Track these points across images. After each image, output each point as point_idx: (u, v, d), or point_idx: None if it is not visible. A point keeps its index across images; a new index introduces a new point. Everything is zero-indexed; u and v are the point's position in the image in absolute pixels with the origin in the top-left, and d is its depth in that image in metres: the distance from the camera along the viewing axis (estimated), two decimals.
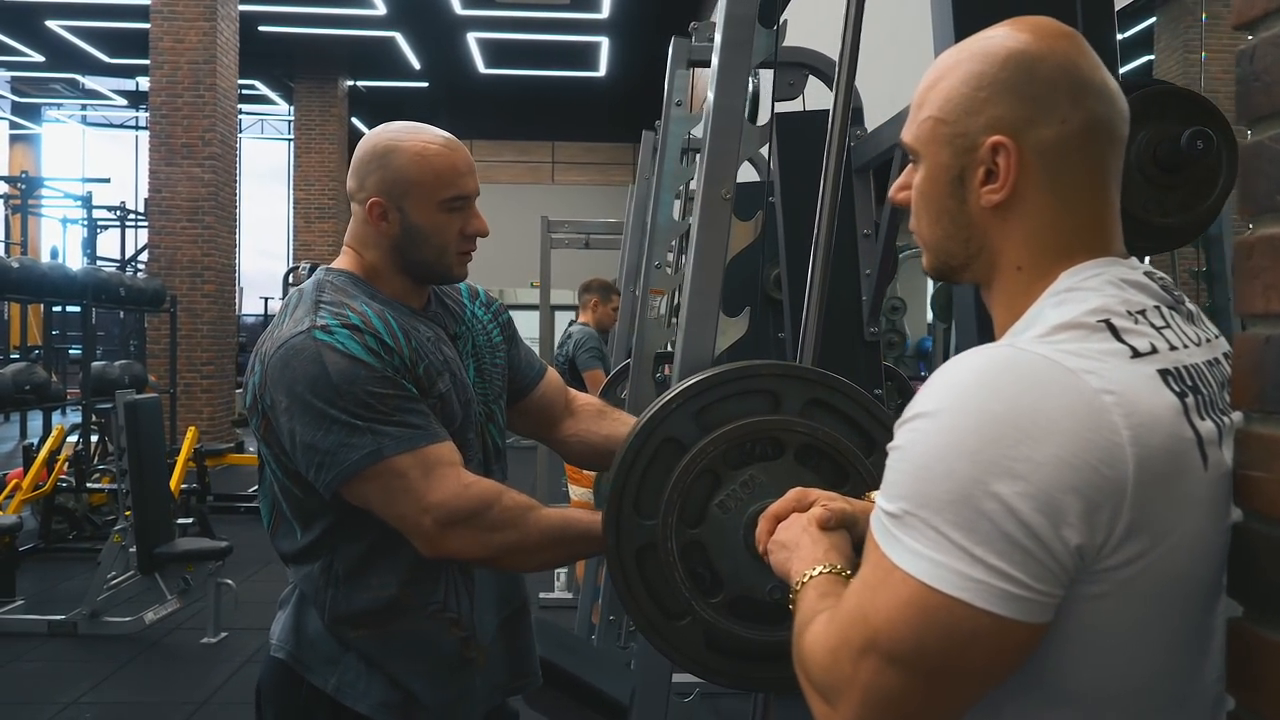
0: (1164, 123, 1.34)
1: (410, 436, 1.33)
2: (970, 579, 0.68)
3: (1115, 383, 0.70)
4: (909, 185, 0.88)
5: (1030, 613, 0.68)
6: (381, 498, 1.33)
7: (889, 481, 0.74)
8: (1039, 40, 0.80)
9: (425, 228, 1.45)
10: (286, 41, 13.76)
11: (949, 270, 0.88)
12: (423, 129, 1.48)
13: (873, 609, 0.72)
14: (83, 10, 12.74)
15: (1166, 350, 0.75)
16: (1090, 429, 0.68)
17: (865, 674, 0.72)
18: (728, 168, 1.44)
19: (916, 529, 0.70)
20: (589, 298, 4.81)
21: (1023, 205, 0.80)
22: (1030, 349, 0.73)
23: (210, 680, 4.05)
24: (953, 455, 0.69)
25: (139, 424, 4.50)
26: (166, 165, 9.57)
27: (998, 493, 0.67)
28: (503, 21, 12.74)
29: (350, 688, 1.42)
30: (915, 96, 0.87)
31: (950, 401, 0.71)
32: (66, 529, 6.14)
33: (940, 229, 0.86)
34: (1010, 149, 0.79)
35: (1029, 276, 0.81)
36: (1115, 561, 0.69)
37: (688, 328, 1.44)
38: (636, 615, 1.30)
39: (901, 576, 0.71)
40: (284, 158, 18.48)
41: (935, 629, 0.69)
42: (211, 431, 9.44)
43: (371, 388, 1.33)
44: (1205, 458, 0.72)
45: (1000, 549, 0.67)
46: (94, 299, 7.32)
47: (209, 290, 9.76)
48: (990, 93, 0.80)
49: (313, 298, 1.42)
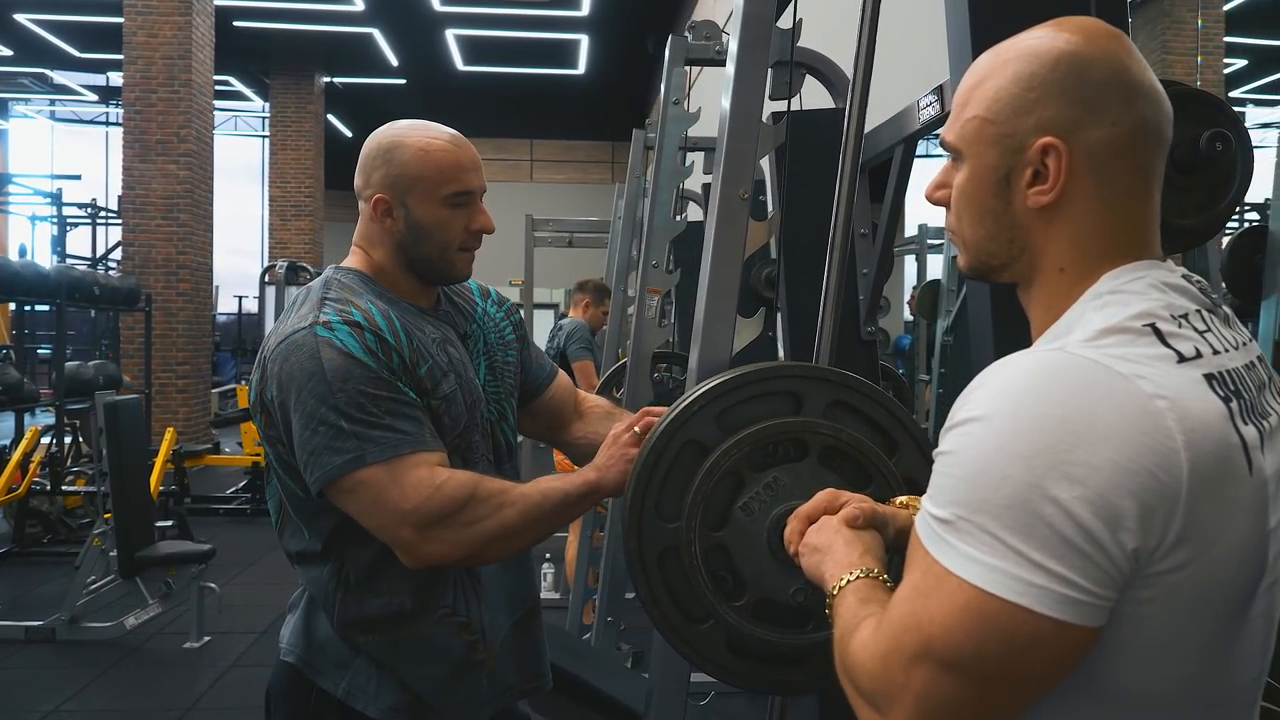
0: (1182, 125, 1.33)
1: (395, 442, 1.31)
2: (1030, 584, 0.67)
3: (1166, 388, 0.70)
4: (947, 184, 0.88)
5: (1090, 616, 0.68)
6: (359, 508, 1.32)
7: (938, 487, 0.73)
8: (1089, 42, 0.80)
9: (429, 224, 1.43)
10: (262, 37, 13.62)
11: (988, 270, 0.87)
12: (429, 126, 1.47)
13: (926, 616, 0.72)
14: (52, 3, 12.54)
15: (1210, 355, 0.75)
16: (1145, 433, 0.67)
17: (919, 681, 0.71)
18: (745, 168, 1.43)
19: (971, 534, 0.69)
20: (582, 297, 4.80)
21: (1069, 207, 0.80)
22: (1080, 353, 0.72)
23: (194, 686, 3.99)
24: (1007, 459, 0.69)
25: (119, 425, 4.43)
26: (141, 162, 9.45)
27: (1055, 497, 0.67)
28: (481, 18, 12.68)
29: (361, 691, 1.41)
30: (958, 96, 0.86)
31: (1003, 405, 0.71)
32: (41, 533, 6.04)
33: (983, 229, 0.85)
34: (1061, 150, 0.78)
35: (1071, 278, 0.81)
36: (1166, 566, 0.69)
37: (705, 329, 1.43)
38: (658, 618, 1.29)
39: (957, 583, 0.70)
40: (259, 155, 18.29)
41: (994, 635, 0.68)
42: (188, 432, 9.33)
43: (365, 387, 1.31)
44: (1250, 462, 0.72)
45: (1059, 553, 0.67)
46: (68, 298, 7.20)
47: (184, 289, 9.64)
48: (1041, 93, 0.79)
49: (319, 294, 1.41)
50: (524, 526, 1.36)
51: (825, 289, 1.46)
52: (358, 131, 17.38)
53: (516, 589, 1.55)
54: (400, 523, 1.30)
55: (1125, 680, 0.73)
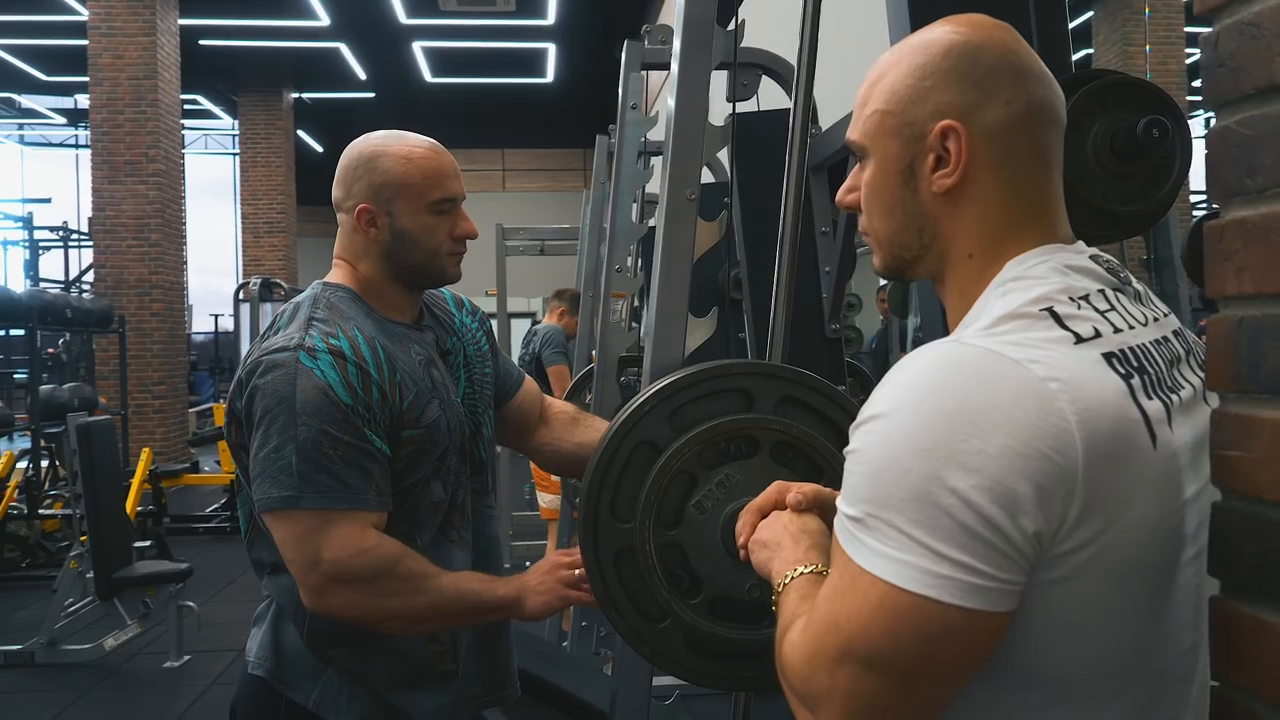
0: (1120, 112, 1.36)
1: (334, 495, 1.31)
2: (937, 575, 0.68)
3: (1060, 370, 0.71)
4: (856, 187, 0.89)
5: (997, 602, 0.69)
6: (280, 539, 1.34)
7: (848, 486, 0.74)
8: (976, 31, 0.83)
9: (415, 231, 1.44)
10: (229, 55, 13.54)
11: (902, 265, 0.88)
12: (406, 135, 1.47)
13: (844, 615, 0.73)
14: (17, 28, 12.44)
15: (1111, 333, 0.76)
16: (1038, 417, 0.69)
17: (843, 681, 0.73)
18: (691, 169, 1.44)
19: (879, 530, 0.70)
20: (559, 305, 4.83)
21: (973, 189, 0.82)
22: (975, 343, 0.74)
23: (175, 705, 3.97)
24: (907, 454, 0.70)
25: (92, 447, 4.40)
26: (110, 183, 9.38)
27: (954, 487, 0.68)
28: (448, 30, 12.66)
29: (332, 703, 1.41)
30: (859, 97, 0.88)
31: (902, 401, 0.72)
32: (19, 557, 5.98)
33: (893, 221, 0.86)
34: (960, 131, 0.80)
35: (980, 263, 0.83)
36: (1071, 545, 0.70)
37: (656, 330, 1.44)
38: (616, 619, 1.29)
39: (869, 580, 0.71)
40: (229, 173, 18.19)
41: (907, 629, 0.70)
42: (166, 452, 9.25)
43: (328, 427, 1.31)
44: (1154, 437, 0.73)
45: (962, 542, 0.68)
46: (40, 321, 7.14)
47: (158, 309, 9.58)
48: (935, 81, 0.82)
49: (307, 313, 1.40)
50: (428, 616, 1.38)
51: (777, 287, 1.47)
52: (328, 147, 17.32)
53: None
54: (312, 568, 1.32)
55: (1045, 663, 0.74)
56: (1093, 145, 1.36)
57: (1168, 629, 0.77)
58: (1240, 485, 0.72)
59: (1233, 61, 0.72)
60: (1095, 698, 0.75)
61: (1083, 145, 1.37)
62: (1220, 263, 0.74)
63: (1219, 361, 0.75)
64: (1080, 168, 1.37)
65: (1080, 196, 1.38)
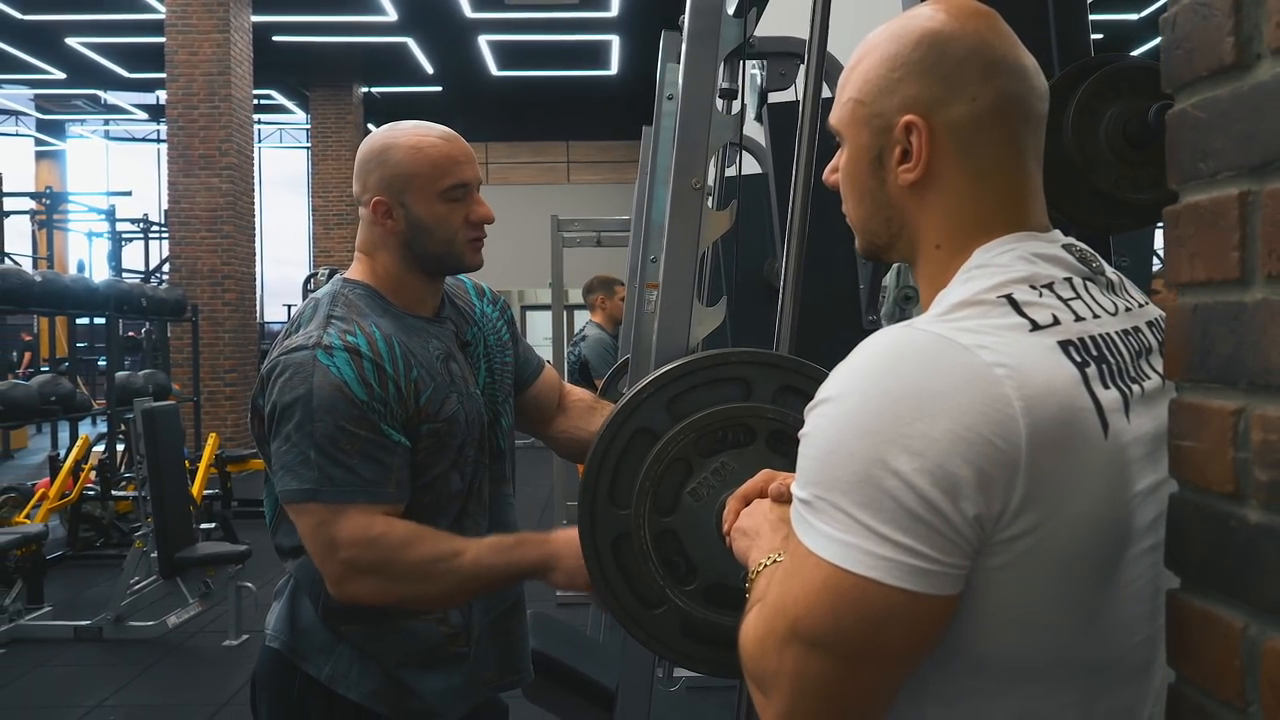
0: (1132, 99, 1.33)
1: (351, 488, 1.35)
2: (879, 557, 0.68)
3: (1009, 356, 0.71)
4: (839, 168, 0.89)
5: (939, 585, 0.69)
6: (301, 530, 1.39)
7: (800, 469, 0.75)
8: (952, 19, 0.81)
9: (429, 220, 1.46)
10: (300, 50, 13.87)
11: (876, 250, 0.89)
12: (419, 125, 1.50)
13: (790, 597, 0.73)
14: (101, 27, 12.90)
15: (1071, 321, 0.75)
16: (982, 402, 0.68)
17: (790, 663, 0.73)
18: (697, 158, 1.44)
19: (826, 512, 0.71)
20: (594, 297, 4.84)
21: (938, 183, 0.81)
22: (926, 328, 0.74)
23: (232, 681, 4.10)
24: (853, 437, 0.70)
25: (157, 431, 4.56)
26: (185, 176, 9.69)
27: (897, 469, 0.68)
28: (513, 23, 12.77)
29: (344, 677, 1.45)
30: (840, 80, 0.88)
31: (851, 384, 0.72)
32: (94, 536, 6.24)
33: (864, 209, 0.87)
34: (920, 128, 0.80)
35: (947, 253, 0.82)
36: (1014, 531, 0.69)
37: (662, 318, 1.45)
38: (613, 605, 1.31)
39: (815, 562, 0.71)
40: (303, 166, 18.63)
41: (850, 610, 0.70)
42: (235, 438, 9.55)
43: (345, 423, 1.35)
44: (1106, 426, 0.72)
45: (904, 525, 0.68)
46: (116, 310, 7.42)
47: (230, 299, 9.87)
48: (904, 73, 0.81)
49: (326, 311, 1.44)
50: (453, 594, 1.41)
51: (784, 278, 1.47)
52: None
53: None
54: (330, 558, 1.36)
55: (992, 649, 0.73)
56: (1105, 132, 1.34)
57: (1117, 620, 0.75)
58: (1192, 476, 0.71)
59: (1187, 43, 0.70)
60: (1042, 685, 0.75)
61: (1095, 132, 1.34)
62: (1176, 249, 0.72)
63: (1175, 350, 0.73)
64: (1093, 155, 1.35)
65: (1093, 185, 1.36)
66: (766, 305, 3.70)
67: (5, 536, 4.68)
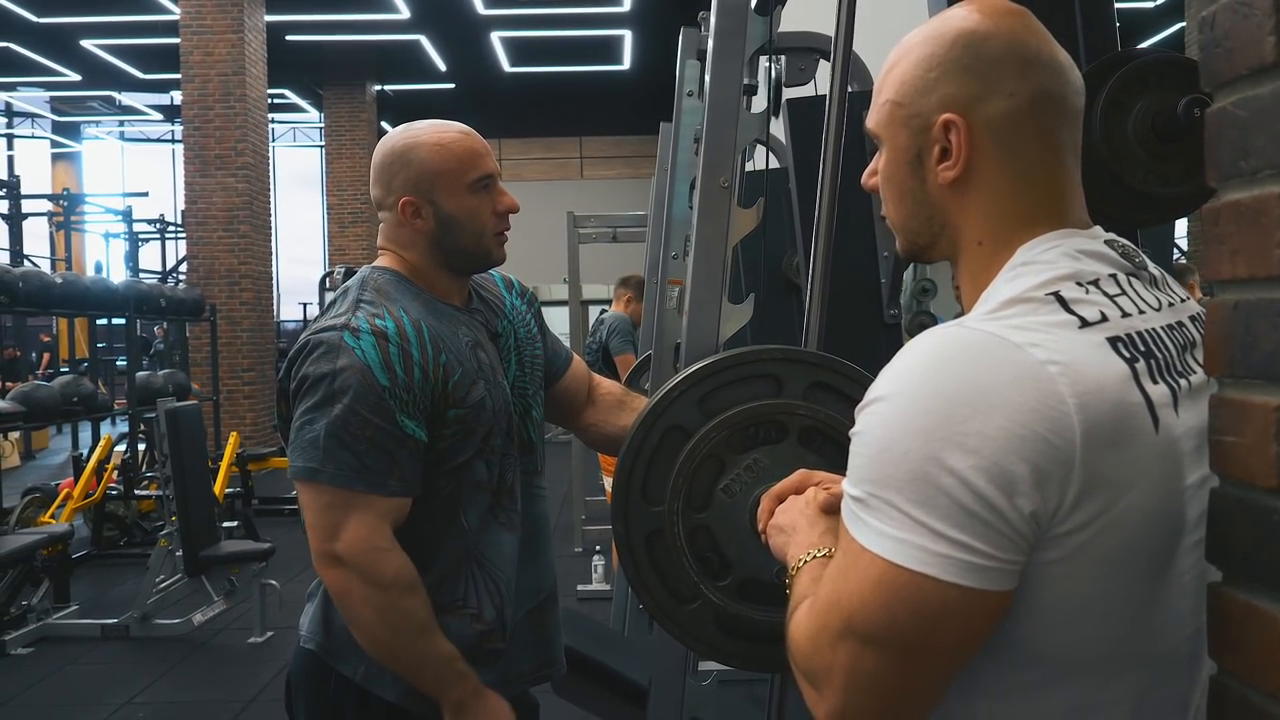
0: (1162, 92, 1.33)
1: (354, 475, 1.36)
2: (934, 553, 0.70)
3: (1060, 353, 0.72)
4: (878, 171, 0.90)
5: (994, 581, 0.70)
6: (304, 503, 1.41)
7: (852, 467, 0.76)
8: (986, 19, 0.82)
9: (459, 215, 1.48)
10: (314, 49, 13.92)
11: (918, 250, 0.90)
12: (434, 123, 1.51)
13: (845, 593, 0.74)
14: (115, 28, 12.98)
15: (1118, 318, 0.77)
16: (1036, 399, 0.69)
17: (844, 658, 0.74)
18: (725, 156, 1.45)
19: (880, 510, 0.72)
20: (624, 292, 4.86)
21: (978, 180, 0.82)
22: (977, 327, 0.75)
23: (257, 678, 4.14)
24: (907, 435, 0.71)
25: (180, 431, 4.60)
26: (201, 177, 9.75)
27: (952, 467, 0.69)
28: (525, 19, 12.78)
29: (378, 677, 1.46)
30: (876, 83, 0.89)
31: (903, 384, 0.74)
32: (118, 535, 6.29)
33: (904, 209, 0.88)
34: (960, 125, 0.81)
35: (990, 250, 0.83)
36: (1069, 526, 0.71)
37: (691, 315, 1.46)
38: (647, 600, 1.32)
39: (870, 558, 0.72)
40: (317, 165, 18.69)
41: (905, 606, 0.71)
42: (255, 436, 9.61)
43: (360, 409, 1.36)
44: (1157, 421, 0.73)
45: (960, 522, 0.69)
46: (135, 310, 7.48)
47: (247, 298, 9.93)
48: (940, 73, 0.82)
49: (355, 296, 1.46)
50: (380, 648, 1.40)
51: (811, 275, 1.47)
52: None
53: (532, 581, 1.59)
54: (326, 539, 1.37)
55: (1045, 643, 0.75)
56: (1134, 126, 1.34)
57: (1168, 613, 0.76)
58: (1234, 471, 0.71)
59: (1227, 42, 0.71)
60: (1094, 677, 0.76)
61: (1123, 126, 1.34)
62: (1216, 246, 0.73)
63: (1215, 346, 0.74)
64: (1121, 149, 1.35)
65: (1121, 179, 1.36)
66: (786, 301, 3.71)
67: (32, 536, 4.73)
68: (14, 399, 6.00)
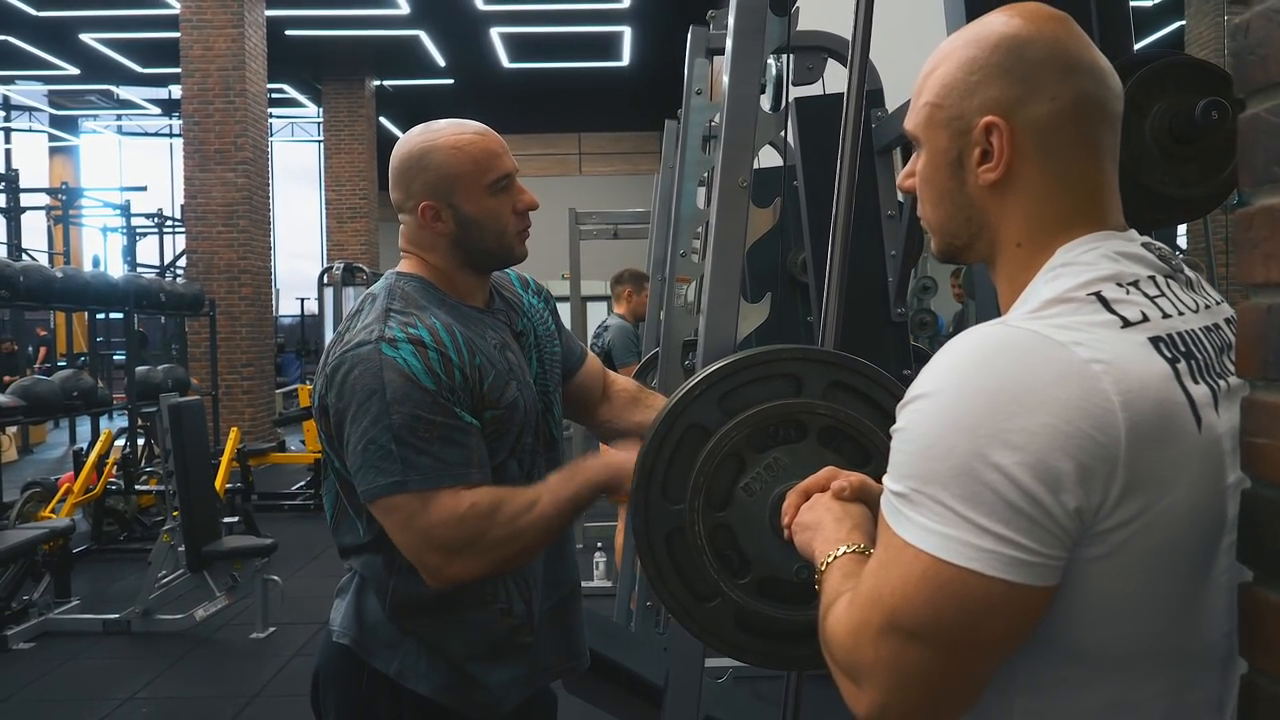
0: (1179, 95, 1.34)
1: (438, 473, 1.35)
2: (979, 549, 0.70)
3: (1104, 352, 0.72)
4: (915, 173, 0.91)
5: (1039, 576, 0.71)
6: (391, 526, 1.39)
7: (894, 463, 0.77)
8: (1028, 23, 0.83)
9: (480, 216, 1.48)
10: (313, 44, 13.88)
11: (955, 251, 0.90)
12: (449, 123, 1.51)
13: (888, 588, 0.75)
14: (114, 22, 12.95)
15: (1159, 318, 0.77)
16: (1081, 397, 0.70)
17: (887, 653, 0.75)
18: (744, 156, 1.46)
19: (924, 505, 0.73)
20: (622, 289, 4.84)
21: (1019, 182, 0.83)
22: (1021, 325, 0.76)
23: (260, 674, 4.15)
24: (952, 431, 0.72)
25: (183, 426, 4.60)
26: (201, 171, 9.73)
27: (997, 463, 0.70)
28: (525, 15, 12.77)
29: (412, 671, 1.47)
30: (916, 86, 0.89)
31: (947, 381, 0.74)
32: (117, 530, 6.29)
33: (943, 211, 0.89)
34: (1002, 128, 0.82)
35: (1028, 252, 0.84)
36: (1112, 523, 0.72)
37: (709, 315, 1.46)
38: (667, 598, 1.33)
39: (914, 553, 0.73)
40: (315, 160, 18.66)
41: (950, 601, 0.72)
42: (253, 431, 9.60)
43: (421, 411, 1.35)
44: (1199, 420, 0.74)
45: (1005, 517, 0.70)
46: (135, 305, 7.47)
47: (246, 293, 9.92)
48: (982, 76, 0.83)
49: (384, 305, 1.45)
50: (542, 540, 1.43)
51: (829, 273, 1.48)
52: None
53: (556, 574, 1.60)
54: (428, 548, 1.36)
55: (1088, 639, 0.75)
56: (1151, 128, 1.35)
57: (1205, 611, 0.77)
58: (1267, 473, 0.72)
59: (1262, 49, 0.72)
60: (1132, 674, 0.77)
61: (1141, 128, 1.35)
62: (1249, 250, 0.74)
63: (1248, 349, 0.75)
64: (1138, 151, 1.36)
65: (1138, 180, 1.37)
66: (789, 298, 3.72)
67: (33, 531, 4.73)
68: (14, 393, 6.00)
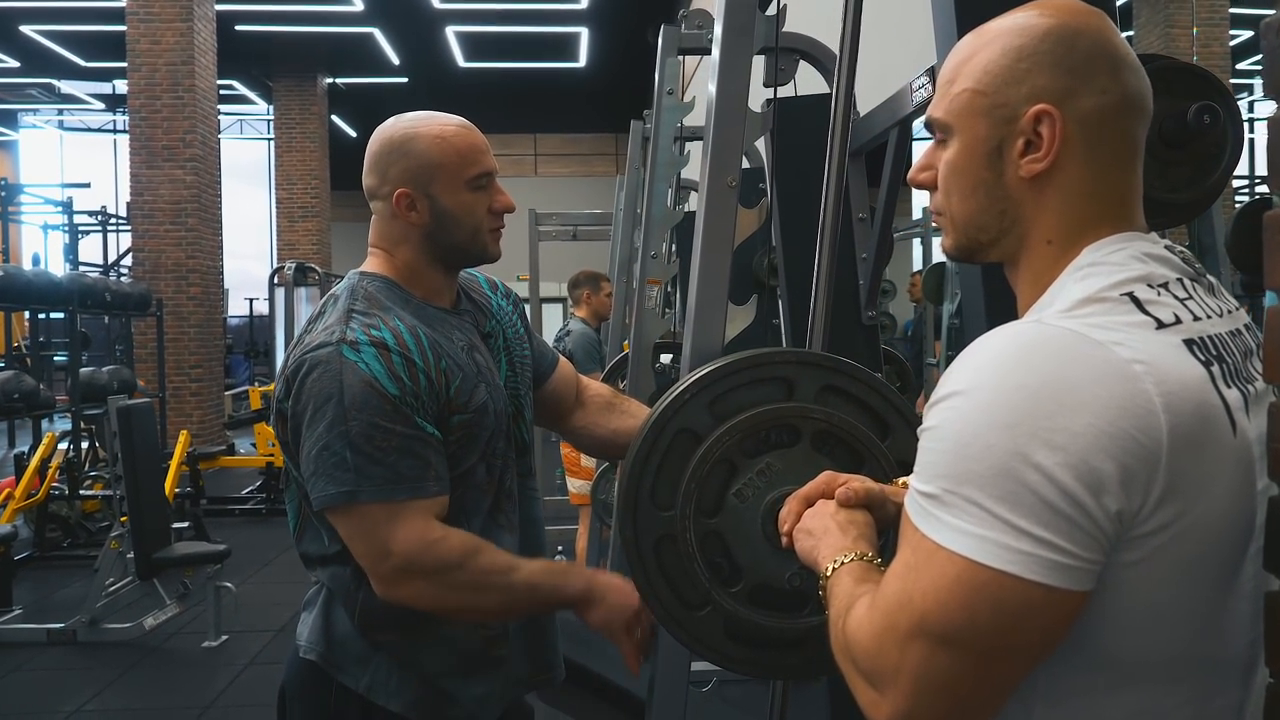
0: (1169, 98, 1.33)
1: (393, 485, 1.31)
2: (1018, 551, 0.68)
3: (1144, 353, 0.71)
4: (932, 165, 0.88)
5: (1077, 581, 0.69)
6: (346, 534, 1.35)
7: (924, 463, 0.74)
8: (1074, 16, 0.82)
9: (456, 210, 1.43)
10: (264, 40, 13.65)
11: (977, 247, 0.88)
12: (435, 115, 1.47)
13: (918, 591, 0.72)
14: (57, 14, 12.60)
15: (1190, 321, 0.76)
16: (1124, 397, 0.69)
17: (914, 658, 0.72)
18: (732, 156, 1.43)
19: (958, 506, 0.70)
20: (580, 292, 4.80)
21: (1060, 176, 0.81)
22: (1058, 323, 0.74)
23: (214, 684, 4.04)
24: (989, 430, 0.69)
25: (133, 429, 4.47)
26: (148, 168, 9.50)
27: (1038, 463, 0.68)
28: (481, 14, 12.68)
29: (382, 687, 1.42)
30: (944, 74, 0.87)
31: (983, 378, 0.72)
32: (61, 537, 6.10)
33: (974, 203, 0.85)
34: (1055, 117, 0.80)
35: (1057, 250, 0.82)
36: (1151, 527, 0.70)
37: (696, 317, 1.43)
38: (656, 607, 1.30)
39: (947, 555, 0.71)
40: (264, 158, 18.34)
41: (986, 605, 0.69)
42: (202, 435, 9.39)
43: (379, 419, 1.31)
44: (1234, 424, 0.73)
45: (1045, 519, 0.68)
46: (79, 305, 7.26)
47: (194, 293, 9.70)
48: (1032, 64, 0.81)
49: (346, 306, 1.40)
50: (499, 610, 1.41)
51: (817, 275, 1.46)
52: (362, 132, 17.41)
53: None
54: (382, 560, 1.32)
55: (1118, 646, 0.74)
56: None
57: (1233, 619, 0.76)
58: None
59: None
60: (1159, 681, 0.75)
61: None
62: (1276, 253, 0.72)
63: (1275, 354, 0.74)
64: None
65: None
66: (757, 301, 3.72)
67: None
68: None
